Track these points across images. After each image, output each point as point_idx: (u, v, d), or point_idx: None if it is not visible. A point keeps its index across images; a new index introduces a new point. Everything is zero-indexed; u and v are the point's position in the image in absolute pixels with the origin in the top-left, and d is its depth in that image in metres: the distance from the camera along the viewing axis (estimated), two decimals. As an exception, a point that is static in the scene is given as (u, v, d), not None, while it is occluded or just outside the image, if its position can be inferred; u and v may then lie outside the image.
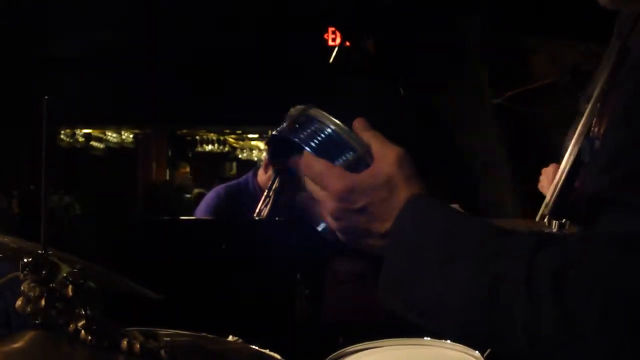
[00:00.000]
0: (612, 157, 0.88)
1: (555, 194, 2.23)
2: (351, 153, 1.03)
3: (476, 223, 0.96)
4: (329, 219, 1.06)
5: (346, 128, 1.04)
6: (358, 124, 1.06)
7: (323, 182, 1.02)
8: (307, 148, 1.04)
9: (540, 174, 2.53)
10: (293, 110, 1.08)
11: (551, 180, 2.35)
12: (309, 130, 1.04)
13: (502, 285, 0.86)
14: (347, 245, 1.06)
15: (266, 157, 4.27)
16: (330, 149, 1.03)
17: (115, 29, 6.84)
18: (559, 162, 2.41)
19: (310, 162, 1.03)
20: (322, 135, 1.04)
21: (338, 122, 1.04)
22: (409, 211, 0.98)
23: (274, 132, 1.12)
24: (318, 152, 1.03)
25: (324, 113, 1.05)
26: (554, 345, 0.83)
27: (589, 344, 0.80)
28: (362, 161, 1.02)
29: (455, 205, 1.06)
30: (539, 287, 0.83)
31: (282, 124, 1.08)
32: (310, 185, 1.06)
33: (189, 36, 6.74)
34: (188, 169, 11.26)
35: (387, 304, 0.99)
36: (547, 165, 2.48)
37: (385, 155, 1.02)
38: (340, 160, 1.03)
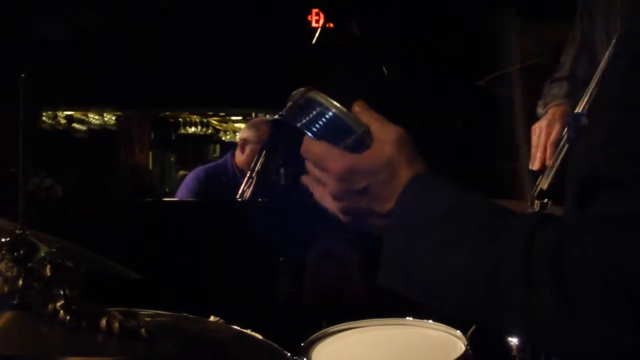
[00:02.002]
0: (607, 137, 0.87)
1: (553, 171, 2.23)
2: (352, 135, 1.03)
3: (477, 203, 0.97)
4: (331, 200, 1.06)
5: (345, 110, 1.05)
6: (358, 105, 1.06)
7: (324, 164, 1.03)
8: (309, 133, 1.05)
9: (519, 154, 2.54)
10: (294, 93, 1.07)
11: (541, 147, 2.34)
12: (311, 115, 1.05)
13: (501, 267, 0.86)
14: (349, 226, 1.07)
15: (240, 137, 4.26)
16: (330, 132, 1.04)
17: (98, 11, 6.79)
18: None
19: (310, 146, 1.04)
20: (323, 119, 1.04)
21: (338, 104, 1.05)
22: (410, 191, 0.99)
23: (276, 116, 1.12)
24: (319, 136, 1.04)
25: (324, 96, 1.05)
26: (552, 329, 0.83)
27: (589, 327, 0.81)
28: (362, 143, 1.03)
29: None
30: (538, 270, 0.83)
31: (285, 108, 1.08)
32: (311, 169, 1.07)
33: (171, 18, 6.70)
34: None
35: (386, 283, 1.00)
36: (528, 148, 2.48)
37: (386, 136, 1.02)
38: (341, 143, 1.03)
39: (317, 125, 1.04)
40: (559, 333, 0.83)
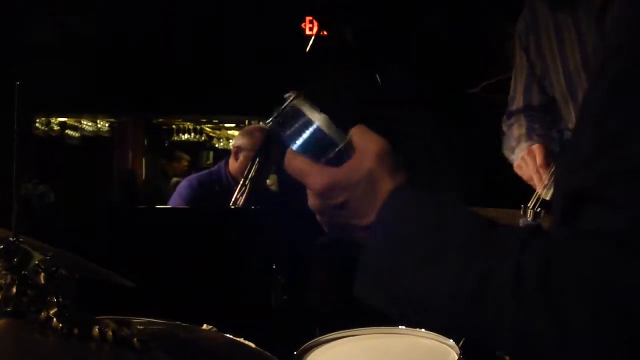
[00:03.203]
0: (592, 153, 0.87)
1: (550, 188, 2.25)
2: (333, 148, 1.02)
3: (462, 216, 0.95)
4: (317, 214, 1.05)
5: (329, 121, 1.03)
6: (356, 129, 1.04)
7: (304, 180, 1.02)
8: (292, 146, 1.03)
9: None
10: (286, 96, 1.07)
11: (541, 164, 2.36)
12: (295, 127, 1.04)
13: (489, 283, 0.85)
14: (334, 238, 1.06)
15: (234, 145, 4.27)
16: (313, 145, 1.03)
17: (93, 17, 6.79)
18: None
19: (291, 161, 1.03)
20: (307, 132, 1.03)
21: (322, 115, 1.03)
22: (391, 205, 0.97)
23: (266, 124, 1.12)
24: (303, 148, 1.03)
25: (309, 105, 1.04)
26: (541, 344, 0.82)
27: (579, 346, 0.80)
28: (344, 155, 1.01)
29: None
30: (527, 287, 0.82)
31: (274, 114, 1.08)
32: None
33: (166, 25, 6.70)
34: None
35: (365, 298, 0.98)
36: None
37: (367, 149, 1.00)
38: (323, 157, 1.02)
39: (300, 137, 1.03)
40: (549, 351, 0.83)
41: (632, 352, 0.79)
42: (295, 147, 1.03)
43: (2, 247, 1.05)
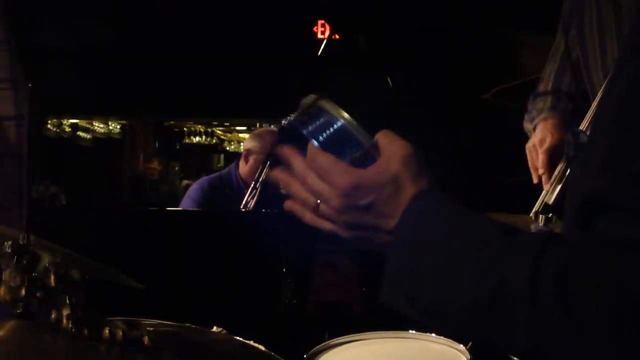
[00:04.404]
0: (608, 157, 0.87)
1: (559, 189, 2.22)
2: (359, 148, 1.02)
3: (481, 221, 0.96)
4: (327, 220, 1.05)
5: (355, 122, 1.03)
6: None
7: (328, 177, 1.01)
8: (314, 141, 1.03)
9: (518, 166, 2.53)
10: (305, 100, 1.06)
11: (546, 162, 2.34)
12: (318, 123, 1.03)
13: (506, 287, 0.85)
14: (350, 242, 1.06)
15: (244, 147, 4.27)
16: (337, 143, 1.02)
17: (103, 19, 6.82)
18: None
19: (315, 156, 1.03)
20: (331, 129, 1.03)
21: (347, 115, 1.03)
22: (414, 208, 0.98)
23: (283, 122, 1.10)
24: (325, 146, 1.03)
25: (335, 105, 1.04)
26: (559, 351, 0.83)
27: (597, 349, 0.80)
28: (369, 156, 1.01)
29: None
30: (544, 291, 0.82)
31: (293, 115, 1.07)
32: (313, 180, 1.05)
33: (178, 28, 6.72)
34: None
35: (388, 300, 0.99)
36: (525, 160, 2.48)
37: (393, 152, 1.01)
38: (348, 156, 1.02)
39: (324, 134, 1.03)
40: (566, 355, 0.83)
41: None
42: (317, 143, 1.03)
43: (11, 248, 1.05)
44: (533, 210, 2.20)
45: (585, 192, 0.89)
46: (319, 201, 1.05)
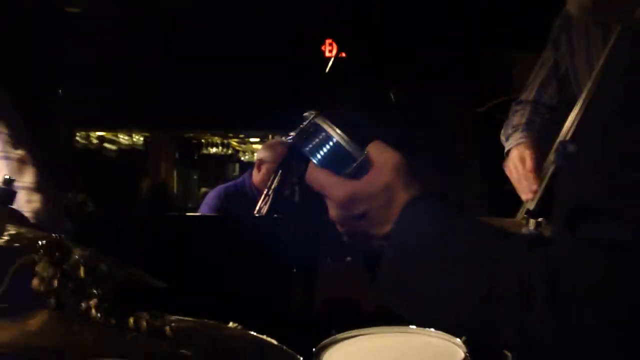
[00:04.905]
0: (595, 165, 0.87)
1: (539, 195, 2.21)
2: (352, 162, 1.01)
3: (471, 225, 0.95)
4: (337, 225, 1.05)
5: (347, 138, 1.03)
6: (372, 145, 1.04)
7: (325, 191, 1.02)
8: (313, 159, 1.03)
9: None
10: (305, 115, 1.07)
11: (530, 169, 2.33)
12: (316, 141, 1.04)
13: (498, 289, 0.85)
14: (352, 246, 1.05)
15: (257, 157, 4.27)
16: (333, 159, 1.02)
17: (129, 40, 6.86)
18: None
19: (313, 174, 1.03)
20: (327, 146, 1.03)
21: (340, 132, 1.03)
22: (407, 215, 0.97)
23: (287, 139, 1.12)
24: (323, 161, 1.03)
25: (329, 122, 1.04)
26: (548, 349, 0.82)
27: (585, 348, 0.80)
28: (363, 168, 1.01)
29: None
30: (534, 292, 0.82)
31: (296, 130, 1.07)
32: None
33: (198, 49, 6.74)
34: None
35: (383, 301, 0.98)
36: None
37: (384, 162, 1.00)
38: (343, 169, 1.02)
39: (321, 151, 1.03)
40: (555, 353, 0.82)
41: (636, 351, 0.79)
42: (315, 160, 1.03)
43: (44, 242, 1.06)
44: (518, 216, 2.20)
45: (575, 198, 0.89)
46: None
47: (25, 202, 1.95)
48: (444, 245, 0.92)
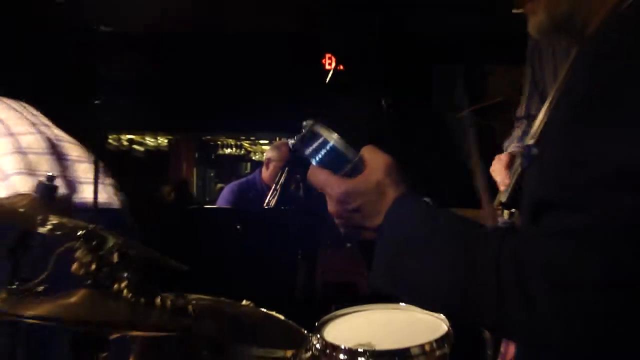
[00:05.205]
0: (555, 167, 0.87)
1: (511, 186, 2.23)
2: (347, 163, 1.02)
3: (451, 218, 0.95)
4: (334, 218, 1.05)
5: (343, 141, 1.03)
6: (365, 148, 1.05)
7: (325, 189, 1.02)
8: (313, 161, 1.04)
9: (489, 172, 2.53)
10: (305, 123, 1.07)
11: (504, 168, 2.34)
12: (315, 145, 1.04)
13: (474, 272, 0.85)
14: (349, 236, 1.05)
15: (265, 157, 4.26)
16: (330, 160, 1.03)
17: (155, 57, 6.88)
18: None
19: (314, 173, 1.03)
20: (325, 150, 1.03)
21: (337, 136, 1.03)
22: (395, 210, 0.97)
23: (290, 144, 1.11)
24: (322, 163, 1.03)
25: (326, 128, 1.04)
26: (518, 323, 0.83)
27: (546, 321, 0.80)
28: (357, 169, 1.01)
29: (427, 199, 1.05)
30: (506, 274, 0.82)
31: (296, 137, 1.07)
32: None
33: (212, 64, 6.74)
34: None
35: (377, 285, 0.98)
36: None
37: (376, 164, 1.00)
38: (340, 169, 1.02)
39: (320, 154, 1.03)
40: (524, 326, 0.83)
41: (586, 327, 0.79)
42: (315, 162, 1.04)
43: (83, 232, 1.06)
44: (495, 204, 2.21)
45: (538, 194, 0.89)
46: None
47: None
48: (427, 235, 0.92)
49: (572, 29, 1.01)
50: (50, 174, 1.59)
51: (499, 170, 2.34)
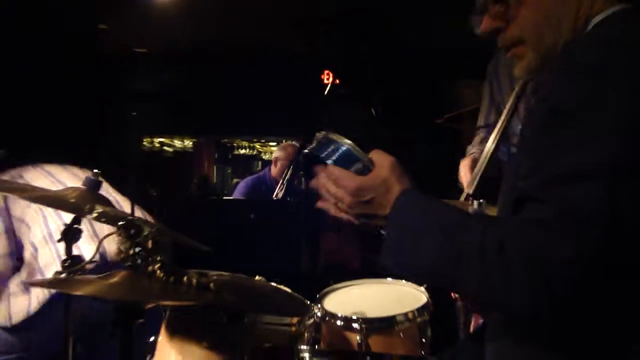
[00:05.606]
0: (531, 167, 0.88)
1: (476, 182, 2.23)
2: (359, 163, 1.02)
3: (445, 207, 0.96)
4: (344, 212, 1.05)
5: (354, 145, 1.04)
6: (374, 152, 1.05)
7: (341, 183, 1.02)
8: (329, 162, 1.04)
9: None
10: (318, 135, 1.07)
11: (469, 168, 2.36)
12: (330, 149, 1.04)
13: (464, 250, 0.86)
14: (360, 225, 1.06)
15: (274, 156, 4.25)
16: (344, 161, 1.03)
17: (181, 72, 6.88)
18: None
19: (331, 171, 1.04)
20: (339, 152, 1.03)
21: (349, 141, 1.04)
22: (400, 201, 0.99)
23: (306, 151, 1.11)
24: (336, 163, 1.04)
25: (339, 136, 1.05)
26: (498, 288, 0.84)
27: (518, 287, 0.81)
28: (366, 168, 1.02)
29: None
30: (490, 252, 0.83)
31: (311, 145, 1.07)
32: (326, 194, 1.06)
33: (229, 81, 6.74)
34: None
35: (387, 262, 0.99)
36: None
37: (383, 164, 1.02)
38: (352, 168, 1.03)
39: (334, 156, 1.04)
40: (502, 294, 0.83)
41: (550, 297, 0.80)
42: (330, 162, 1.04)
43: (123, 222, 1.06)
44: (461, 198, 2.21)
45: (516, 190, 0.90)
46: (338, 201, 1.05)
47: None
48: (425, 221, 0.94)
49: (554, 58, 1.00)
50: (96, 170, 1.56)
51: (464, 171, 2.36)
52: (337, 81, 5.83)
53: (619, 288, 0.81)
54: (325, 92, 5.68)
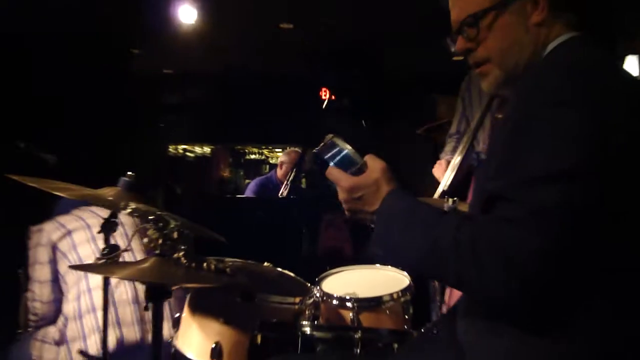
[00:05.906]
0: (500, 169, 0.87)
1: (449, 182, 2.24)
2: (355, 165, 1.02)
3: (425, 206, 0.95)
4: (343, 204, 1.05)
5: (353, 150, 1.03)
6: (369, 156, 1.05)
7: (338, 183, 1.02)
8: (331, 163, 1.04)
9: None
10: (327, 136, 1.06)
11: (443, 170, 2.37)
12: (333, 152, 1.03)
13: (439, 244, 0.85)
14: (351, 218, 1.05)
15: (279, 160, 4.25)
16: (343, 163, 1.02)
17: (202, 89, 6.89)
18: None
19: (332, 171, 1.03)
20: (340, 155, 1.03)
21: (349, 146, 1.03)
22: (388, 199, 0.98)
23: (314, 151, 1.10)
24: (337, 164, 1.03)
25: (341, 140, 1.04)
26: (472, 280, 0.82)
27: (491, 279, 0.80)
28: (361, 170, 1.02)
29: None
30: (463, 247, 0.83)
31: (320, 144, 1.06)
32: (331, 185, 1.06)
33: (241, 96, 6.74)
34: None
35: (376, 250, 0.99)
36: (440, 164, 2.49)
37: (375, 167, 1.01)
38: (349, 170, 1.02)
39: (336, 158, 1.03)
40: (475, 284, 0.82)
41: (520, 288, 0.79)
42: (332, 164, 1.04)
43: (153, 217, 1.06)
44: (436, 194, 2.22)
45: (486, 190, 0.89)
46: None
47: None
48: (409, 217, 0.93)
49: (518, 76, 1.00)
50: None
51: (439, 173, 2.37)
52: (333, 97, 5.84)
53: (581, 277, 0.81)
54: (323, 107, 5.69)
